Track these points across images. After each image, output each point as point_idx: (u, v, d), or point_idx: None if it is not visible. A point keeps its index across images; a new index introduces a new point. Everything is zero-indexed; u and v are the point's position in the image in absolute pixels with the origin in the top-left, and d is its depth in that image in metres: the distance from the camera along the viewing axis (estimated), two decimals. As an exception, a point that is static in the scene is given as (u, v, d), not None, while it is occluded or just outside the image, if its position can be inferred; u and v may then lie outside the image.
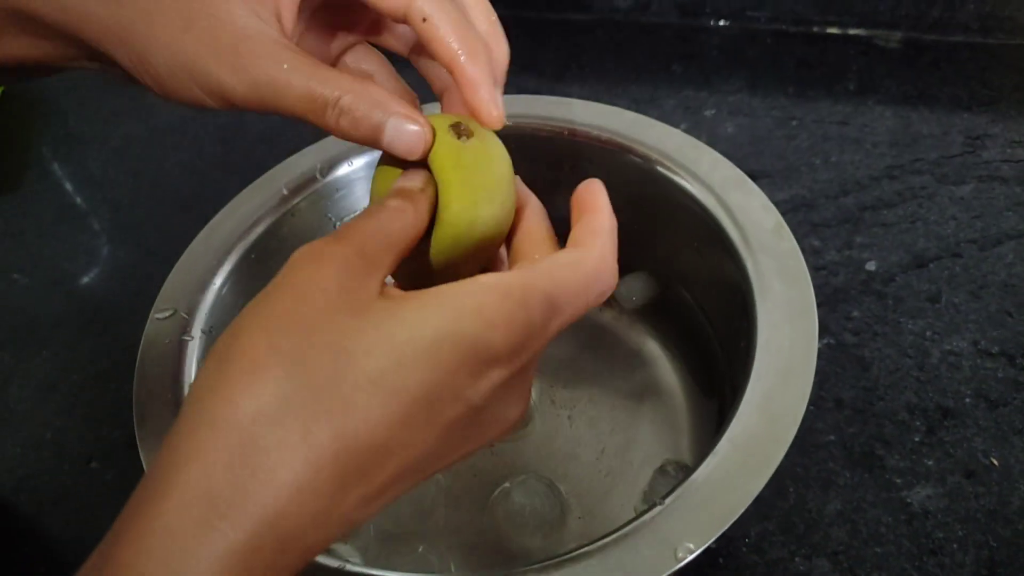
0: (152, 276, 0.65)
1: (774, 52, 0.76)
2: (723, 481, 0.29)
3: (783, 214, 0.60)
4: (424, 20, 0.28)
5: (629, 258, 0.50)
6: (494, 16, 0.30)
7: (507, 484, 0.40)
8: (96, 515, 0.49)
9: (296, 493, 0.20)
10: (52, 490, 0.51)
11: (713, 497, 0.29)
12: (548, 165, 0.47)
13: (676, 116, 0.70)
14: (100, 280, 0.65)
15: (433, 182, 0.28)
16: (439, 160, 0.28)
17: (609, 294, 0.27)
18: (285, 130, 0.67)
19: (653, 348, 0.48)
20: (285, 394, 0.20)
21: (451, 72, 0.28)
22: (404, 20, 0.28)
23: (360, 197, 0.47)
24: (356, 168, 0.46)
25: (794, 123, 0.68)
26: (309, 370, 0.21)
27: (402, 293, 0.23)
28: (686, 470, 0.39)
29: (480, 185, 0.27)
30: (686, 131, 0.68)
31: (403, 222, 0.26)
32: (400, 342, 0.21)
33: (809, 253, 0.57)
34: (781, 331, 0.34)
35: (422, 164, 0.28)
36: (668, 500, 0.29)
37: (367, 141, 0.28)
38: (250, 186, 0.45)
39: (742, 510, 0.28)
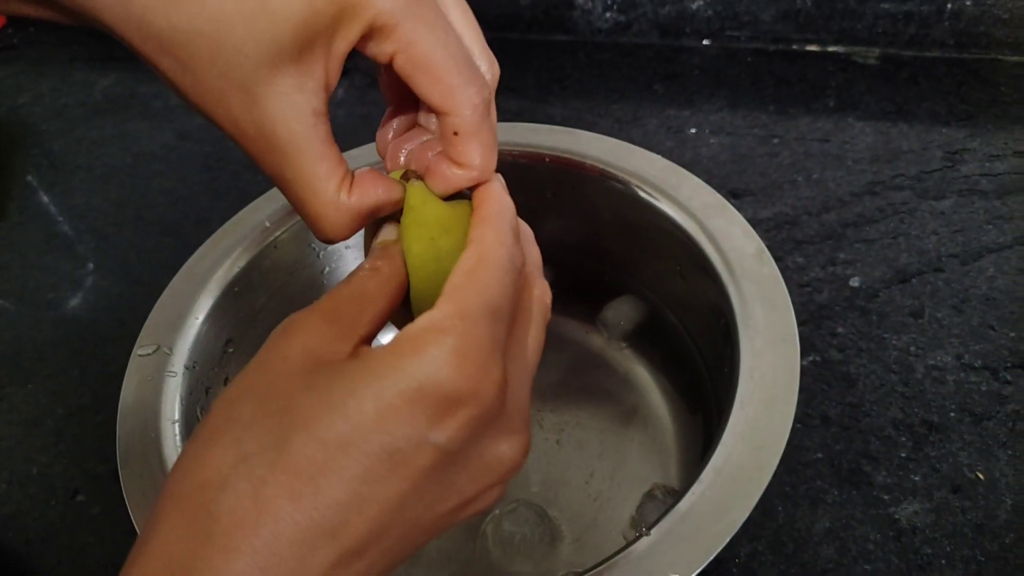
0: (137, 305, 0.65)
1: (754, 70, 0.76)
2: (709, 510, 0.29)
3: (766, 232, 0.61)
4: (455, 133, 0.27)
5: (616, 282, 0.52)
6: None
7: (497, 511, 0.40)
8: (84, 550, 0.48)
9: (252, 557, 0.20)
10: (40, 526, 0.50)
11: (699, 527, 0.29)
12: (529, 192, 0.48)
13: (659, 136, 0.70)
14: (84, 310, 0.64)
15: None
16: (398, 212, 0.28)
17: (525, 267, 0.26)
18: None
19: (641, 372, 0.48)
20: (235, 460, 0.21)
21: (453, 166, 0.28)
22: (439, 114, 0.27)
23: (344, 226, 0.47)
24: (339, 198, 0.46)
25: (776, 141, 0.68)
26: (257, 434, 0.21)
27: (365, 351, 0.23)
28: (674, 495, 0.39)
29: (433, 220, 0.28)
30: (670, 150, 0.70)
31: (378, 279, 0.26)
32: (343, 397, 0.21)
33: (793, 270, 0.58)
34: (763, 358, 0.34)
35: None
36: (654, 531, 0.29)
37: None
38: (232, 219, 0.45)
39: (727, 540, 0.28)
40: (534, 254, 0.29)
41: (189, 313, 0.40)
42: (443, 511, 0.23)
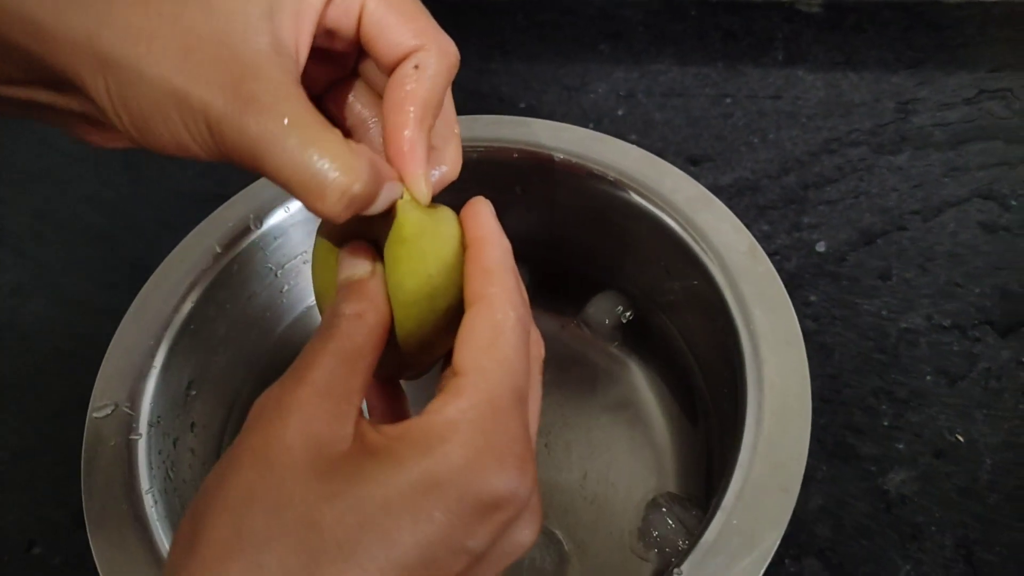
0: (71, 330, 0.60)
1: (699, 24, 0.74)
2: (738, 541, 0.29)
3: (729, 199, 0.59)
4: (415, 67, 0.25)
5: (596, 277, 0.50)
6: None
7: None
8: (49, 609, 0.45)
9: None
10: (-4, 586, 0.47)
11: (732, 559, 0.28)
12: (496, 188, 0.45)
13: (610, 103, 0.68)
14: (12, 339, 0.59)
15: (378, 257, 0.26)
16: (383, 230, 0.25)
17: (529, 317, 0.24)
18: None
19: (627, 369, 0.47)
20: None
21: (394, 124, 0.25)
22: (394, 65, 0.25)
23: (300, 241, 0.44)
24: (293, 213, 0.42)
25: (728, 100, 0.67)
26: (280, 557, 0.18)
27: (376, 438, 0.21)
28: (679, 503, 0.38)
29: (431, 254, 0.25)
30: (622, 117, 0.67)
31: (365, 330, 0.23)
32: (376, 512, 0.19)
33: (760, 239, 0.56)
34: (769, 365, 0.33)
35: (358, 229, 0.26)
36: (685, 566, 0.28)
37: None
38: (176, 248, 0.41)
39: (761, 573, 0.27)
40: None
41: (143, 363, 0.36)
42: None
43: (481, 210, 0.26)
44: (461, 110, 0.32)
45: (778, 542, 0.28)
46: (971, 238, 0.55)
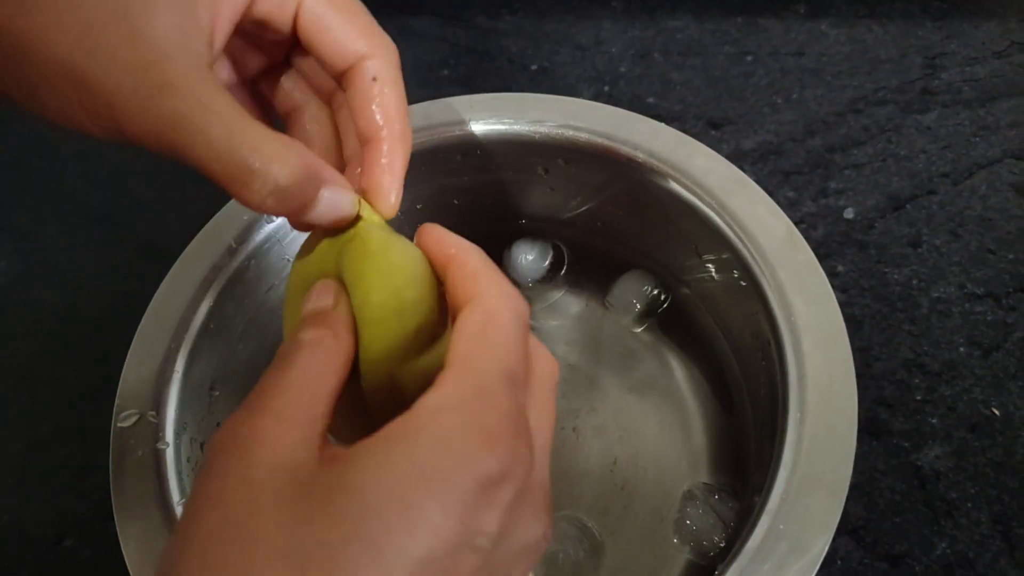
0: (78, 316, 0.59)
1: (716, -25, 0.71)
2: (784, 548, 0.28)
3: (753, 164, 0.58)
4: (373, 79, 0.25)
5: (623, 257, 0.48)
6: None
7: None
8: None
9: None
10: (27, 580, 0.47)
11: (779, 567, 0.27)
12: (519, 169, 0.43)
13: (625, 63, 0.65)
14: (20, 327, 0.58)
15: (344, 290, 0.24)
16: (346, 253, 0.24)
17: (525, 310, 0.23)
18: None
19: (653, 349, 0.46)
20: None
21: (367, 143, 0.25)
22: (343, 72, 0.25)
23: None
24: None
25: (749, 59, 0.64)
26: None
27: (344, 452, 0.19)
28: (715, 493, 0.38)
29: (398, 268, 0.24)
30: (638, 79, 0.65)
31: (324, 355, 0.22)
32: (360, 516, 0.17)
33: (785, 206, 0.55)
34: (813, 361, 0.32)
35: (328, 254, 0.25)
36: (731, 573, 0.28)
37: (287, 215, 0.23)
38: (190, 246, 0.39)
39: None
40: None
41: (165, 369, 0.35)
42: None
43: (441, 231, 0.25)
44: (470, 75, 0.32)
45: (827, 548, 0.28)
46: (1003, 201, 0.54)
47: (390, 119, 0.25)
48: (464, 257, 0.23)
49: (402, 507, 0.17)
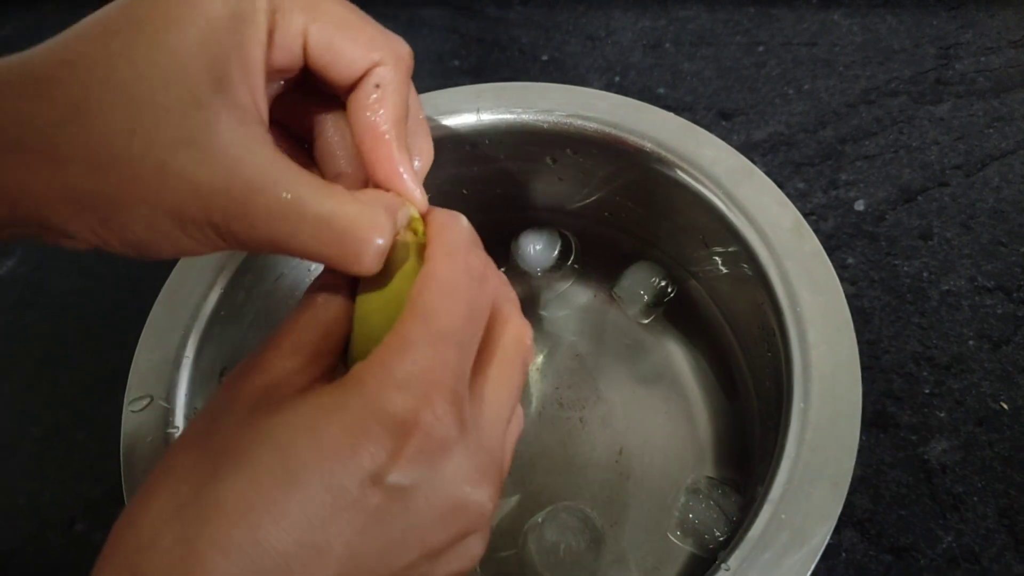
0: (96, 304, 0.60)
1: (728, -36, 0.70)
2: (786, 538, 0.28)
3: (763, 156, 0.58)
4: (376, 86, 0.25)
5: (631, 247, 0.48)
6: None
7: (538, 518, 0.39)
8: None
9: None
10: (40, 562, 0.47)
11: (780, 556, 0.28)
12: (526, 158, 0.43)
13: (636, 54, 0.65)
14: (37, 315, 0.59)
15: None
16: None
17: (478, 269, 0.23)
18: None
19: (660, 340, 0.46)
20: (168, 514, 0.19)
21: (375, 149, 0.25)
22: (352, 85, 0.25)
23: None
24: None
25: (761, 49, 0.64)
26: (192, 480, 0.19)
27: (318, 388, 0.21)
28: (718, 488, 0.38)
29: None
30: (649, 69, 0.65)
31: (324, 291, 0.24)
32: (283, 432, 0.20)
33: (795, 198, 0.55)
34: (818, 351, 0.32)
35: None
36: (732, 562, 0.28)
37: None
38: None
39: (808, 573, 0.27)
40: (510, 294, 0.26)
41: (176, 354, 0.36)
42: (405, 563, 0.21)
43: (437, 211, 0.26)
44: (479, 64, 0.31)
45: (828, 538, 0.28)
46: (1016, 194, 0.53)
47: (388, 124, 0.25)
48: (432, 225, 0.24)
49: (319, 436, 0.19)
